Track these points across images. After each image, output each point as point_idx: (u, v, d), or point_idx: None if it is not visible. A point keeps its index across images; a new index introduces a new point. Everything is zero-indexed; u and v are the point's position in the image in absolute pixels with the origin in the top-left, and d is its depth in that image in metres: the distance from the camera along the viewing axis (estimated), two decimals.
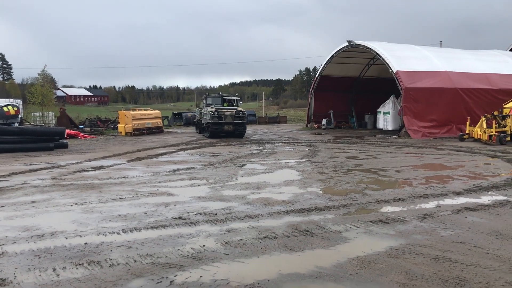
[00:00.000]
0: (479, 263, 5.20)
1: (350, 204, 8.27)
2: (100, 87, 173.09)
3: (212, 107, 23.69)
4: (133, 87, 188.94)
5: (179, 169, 12.66)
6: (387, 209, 7.94)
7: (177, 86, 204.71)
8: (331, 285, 4.64)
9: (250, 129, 31.29)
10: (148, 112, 29.89)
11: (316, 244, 5.96)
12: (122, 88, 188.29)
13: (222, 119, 23.14)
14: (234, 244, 5.93)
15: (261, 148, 18.87)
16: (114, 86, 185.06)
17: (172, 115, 41.24)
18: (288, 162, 14.21)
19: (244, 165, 13.77)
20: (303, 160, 14.83)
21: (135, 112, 28.32)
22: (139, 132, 27.50)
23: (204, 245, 5.90)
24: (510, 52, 33.56)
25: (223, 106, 24.71)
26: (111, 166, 13.67)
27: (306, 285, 4.65)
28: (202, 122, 25.66)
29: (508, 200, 8.57)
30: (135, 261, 5.36)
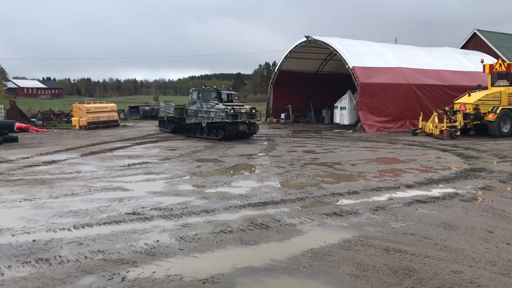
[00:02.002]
0: (427, 254, 5.37)
1: (306, 197, 8.36)
2: (54, 79, 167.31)
3: (222, 104, 19.49)
4: (88, 79, 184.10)
5: (134, 164, 12.43)
6: (341, 202, 8.09)
7: (135, 79, 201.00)
8: (285, 278, 4.68)
9: None
10: (103, 105, 29.16)
11: (271, 237, 5.99)
12: (77, 80, 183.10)
13: (238, 118, 19.02)
14: (189, 239, 5.88)
15: (217, 141, 18.78)
16: (68, 78, 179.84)
17: (129, 108, 40.44)
18: (246, 156, 14.22)
19: (201, 159, 13.67)
20: (261, 154, 14.88)
21: (89, 105, 27.57)
22: (93, 125, 26.80)
23: (158, 241, 5.82)
24: (461, 49, 34.84)
25: (221, 102, 20.10)
26: (63, 160, 13.25)
27: (260, 279, 4.66)
28: (193, 120, 20.68)
29: (457, 192, 8.90)
30: (86, 257, 5.21)
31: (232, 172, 11.46)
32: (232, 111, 18.60)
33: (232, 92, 21.86)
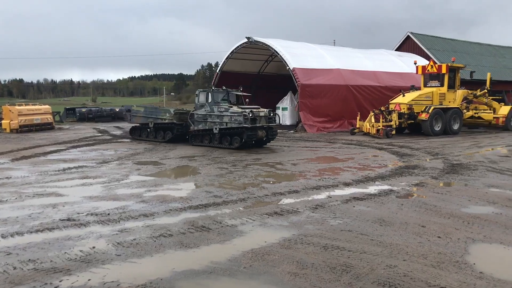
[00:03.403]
0: (364, 250, 5.53)
1: (248, 197, 8.38)
2: None
3: (237, 107, 16.78)
4: (21, 80, 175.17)
5: (70, 168, 11.93)
6: (283, 201, 8.17)
7: (71, 80, 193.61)
8: (225, 280, 4.65)
9: None
10: (37, 107, 27.80)
11: (212, 239, 5.94)
12: (8, 81, 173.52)
13: (257, 123, 16.29)
14: (126, 244, 5.71)
15: (159, 144, 18.43)
16: None
17: (65, 110, 38.83)
18: (187, 158, 14.05)
19: (141, 162, 13.35)
20: (203, 155, 14.76)
21: (21, 107, 26.17)
22: (26, 128, 25.48)
23: (94, 247, 5.60)
24: (396, 51, 36.31)
25: (231, 104, 17.34)
26: None
27: (200, 281, 4.60)
28: (201, 127, 17.52)
29: (392, 189, 9.25)
30: (14, 268, 4.93)
31: (173, 174, 11.28)
32: (251, 115, 15.82)
33: (243, 94, 18.52)
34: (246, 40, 28.19)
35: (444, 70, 23.03)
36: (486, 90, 24.82)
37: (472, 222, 6.81)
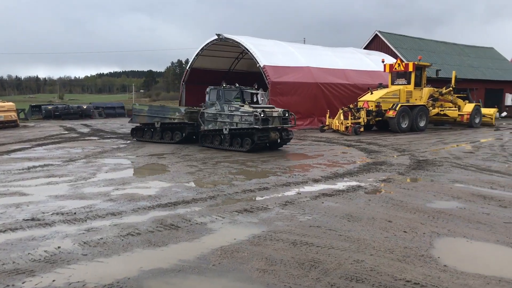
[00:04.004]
0: (332, 245, 5.60)
1: (218, 195, 8.35)
2: None
3: (248, 106, 15.30)
4: None
5: (35, 166, 11.61)
6: (253, 198, 8.18)
7: (37, 76, 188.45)
8: (193, 277, 4.62)
9: (118, 123, 30.03)
10: (0, 104, 26.96)
11: (181, 237, 5.90)
12: None
13: (269, 123, 14.87)
14: (93, 244, 5.60)
15: (128, 142, 18.17)
16: None
17: (30, 107, 37.79)
18: (157, 156, 13.90)
19: (109, 160, 13.12)
20: (172, 153, 14.63)
21: None
22: None
23: (59, 247, 5.48)
24: (364, 50, 36.82)
25: (244, 102, 16.01)
26: None
27: (168, 280, 4.56)
28: (211, 126, 16.16)
29: (360, 185, 9.39)
30: None
31: (141, 172, 11.13)
32: (262, 115, 14.47)
33: (258, 92, 16.35)
34: (216, 37, 28.06)
35: (411, 68, 23.53)
36: (451, 88, 25.50)
37: (437, 217, 6.98)
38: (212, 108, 16.18)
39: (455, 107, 25.86)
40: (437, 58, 35.92)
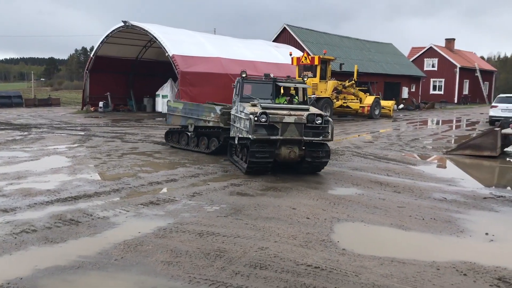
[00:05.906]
0: (238, 234, 5.67)
1: (122, 188, 8.08)
2: None
3: (251, 105, 9.85)
4: None
5: None
6: (159, 190, 8.03)
7: None
8: (94, 273, 4.44)
9: (14, 113, 27.89)
10: None
11: (82, 233, 5.63)
12: None
13: (275, 133, 9.23)
14: None
15: (26, 133, 16.93)
16: None
17: None
18: (57, 148, 13.10)
19: (2, 153, 12.13)
20: (75, 145, 13.89)
21: None
22: None
23: None
24: (273, 42, 37.56)
25: (279, 101, 10.91)
26: None
27: (66, 277, 4.34)
28: (232, 133, 11.06)
29: None
30: None
31: (40, 165, 10.43)
32: (263, 119, 9.15)
33: (300, 85, 11.27)
34: (122, 24, 27.04)
35: (316, 62, 24.45)
36: (353, 81, 26.92)
37: (337, 203, 7.35)
38: (233, 108, 11.29)
39: (357, 99, 27.34)
40: (341, 52, 37.63)
